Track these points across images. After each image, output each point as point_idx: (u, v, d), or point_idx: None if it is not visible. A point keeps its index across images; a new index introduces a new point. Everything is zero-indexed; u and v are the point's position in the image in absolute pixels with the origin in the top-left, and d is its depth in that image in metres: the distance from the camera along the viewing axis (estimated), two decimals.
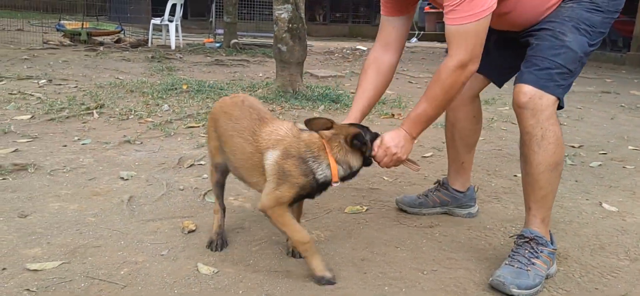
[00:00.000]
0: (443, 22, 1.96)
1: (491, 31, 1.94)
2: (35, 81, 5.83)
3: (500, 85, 2.41)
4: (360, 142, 1.94)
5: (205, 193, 2.76)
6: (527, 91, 1.93)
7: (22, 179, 2.81)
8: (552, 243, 2.05)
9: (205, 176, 3.03)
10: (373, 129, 2.07)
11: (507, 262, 2.01)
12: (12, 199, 2.54)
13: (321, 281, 1.93)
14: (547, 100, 1.92)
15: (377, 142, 2.03)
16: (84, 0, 12.80)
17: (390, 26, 2.26)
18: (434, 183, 2.73)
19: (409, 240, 2.35)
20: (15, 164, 2.98)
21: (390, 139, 2.03)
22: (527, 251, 2.00)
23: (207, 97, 5.35)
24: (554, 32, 1.95)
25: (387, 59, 2.27)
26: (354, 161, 1.96)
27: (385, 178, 3.17)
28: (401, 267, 2.10)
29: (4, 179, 2.80)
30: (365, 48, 12.65)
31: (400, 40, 2.29)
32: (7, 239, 2.14)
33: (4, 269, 1.91)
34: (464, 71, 1.90)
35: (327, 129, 1.95)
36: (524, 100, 1.93)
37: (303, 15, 5.73)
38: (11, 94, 5.01)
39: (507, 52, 2.24)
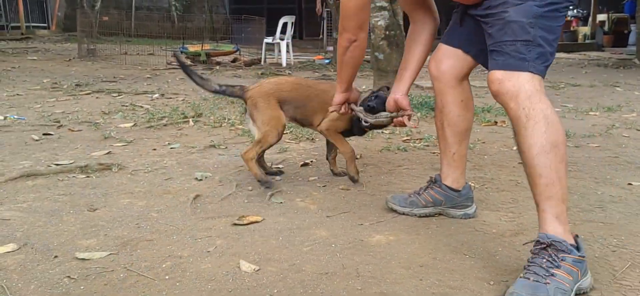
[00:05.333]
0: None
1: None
2: (149, 95, 6.21)
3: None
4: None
5: (272, 194, 2.66)
6: (496, 77, 1.78)
7: (104, 178, 2.93)
8: (578, 249, 1.68)
9: (278, 178, 2.96)
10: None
11: (521, 275, 1.67)
12: (89, 195, 2.64)
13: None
14: (519, 78, 1.73)
15: None
16: (211, 25, 13.69)
17: None
18: (427, 181, 2.44)
19: (481, 247, 2.06)
20: (101, 164, 3.12)
21: None
22: (545, 260, 1.65)
23: None
24: (497, 14, 1.80)
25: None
26: None
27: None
28: (465, 276, 1.83)
29: (88, 176, 2.93)
30: None
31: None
32: (69, 230, 2.20)
33: (55, 256, 1.95)
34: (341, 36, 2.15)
35: None
36: (495, 88, 1.78)
37: (401, 22, 5.54)
38: (124, 106, 5.37)
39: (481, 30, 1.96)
